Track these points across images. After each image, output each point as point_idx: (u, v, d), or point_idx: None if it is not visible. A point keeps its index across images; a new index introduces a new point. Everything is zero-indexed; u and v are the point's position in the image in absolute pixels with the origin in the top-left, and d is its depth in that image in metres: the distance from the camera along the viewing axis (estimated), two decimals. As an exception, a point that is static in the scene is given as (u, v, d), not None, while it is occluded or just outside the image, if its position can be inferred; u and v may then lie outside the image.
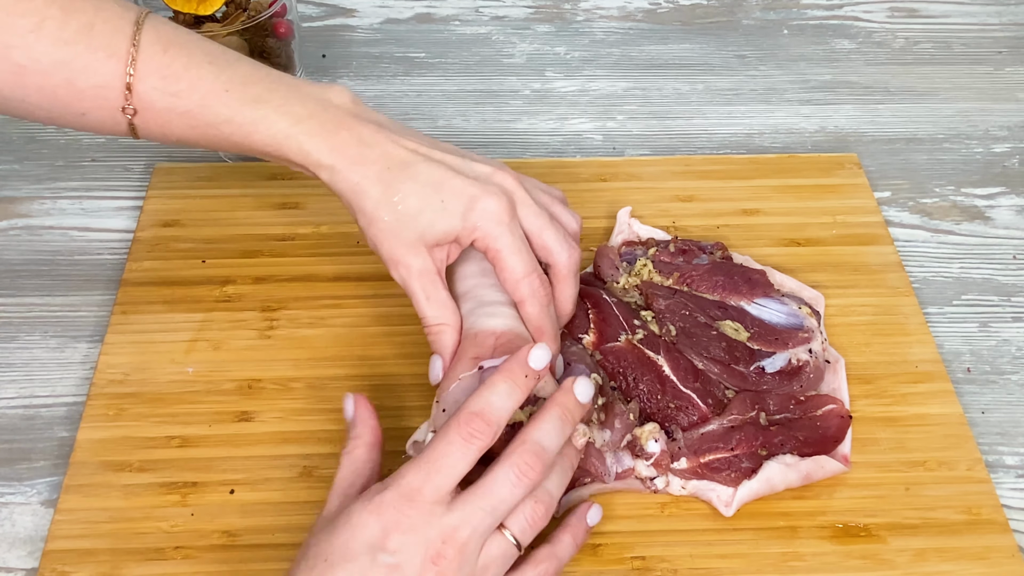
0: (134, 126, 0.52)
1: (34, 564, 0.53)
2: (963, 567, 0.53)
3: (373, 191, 0.53)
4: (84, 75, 0.50)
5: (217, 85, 0.52)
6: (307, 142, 0.52)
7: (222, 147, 0.54)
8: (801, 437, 0.55)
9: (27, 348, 0.62)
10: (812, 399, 0.58)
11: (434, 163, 0.54)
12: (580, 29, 0.88)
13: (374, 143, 0.53)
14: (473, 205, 0.53)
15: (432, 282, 0.54)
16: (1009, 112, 0.81)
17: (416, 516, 0.44)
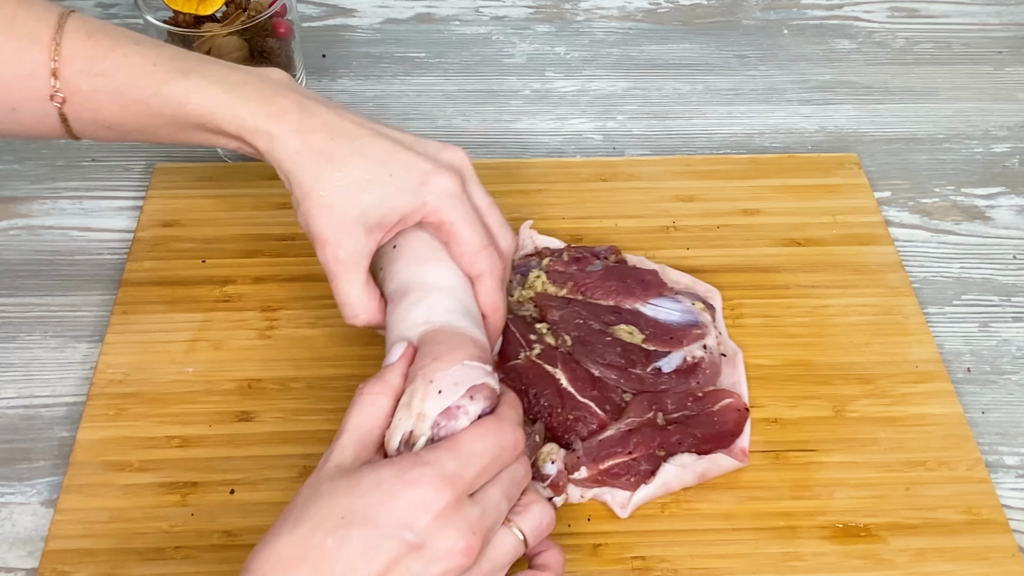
0: (65, 116, 0.52)
1: (34, 564, 0.53)
2: (963, 567, 0.53)
3: (314, 162, 0.50)
4: (8, 66, 0.50)
5: (145, 61, 0.51)
6: (242, 107, 0.50)
7: (155, 126, 0.52)
8: (699, 434, 0.55)
9: (27, 348, 0.62)
10: (709, 395, 0.57)
11: (381, 137, 0.52)
12: (580, 29, 0.88)
13: (316, 112, 0.51)
14: (425, 179, 0.51)
15: (357, 268, 0.52)
16: (1009, 112, 0.81)
17: (451, 502, 0.42)
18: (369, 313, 0.53)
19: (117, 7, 0.87)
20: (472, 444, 0.44)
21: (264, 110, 0.51)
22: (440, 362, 0.47)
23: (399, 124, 0.77)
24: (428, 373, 0.47)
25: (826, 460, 0.57)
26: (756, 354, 0.62)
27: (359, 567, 0.41)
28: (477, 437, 0.45)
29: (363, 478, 0.43)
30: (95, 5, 0.87)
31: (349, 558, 0.41)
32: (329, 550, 0.41)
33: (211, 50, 0.66)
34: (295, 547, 0.41)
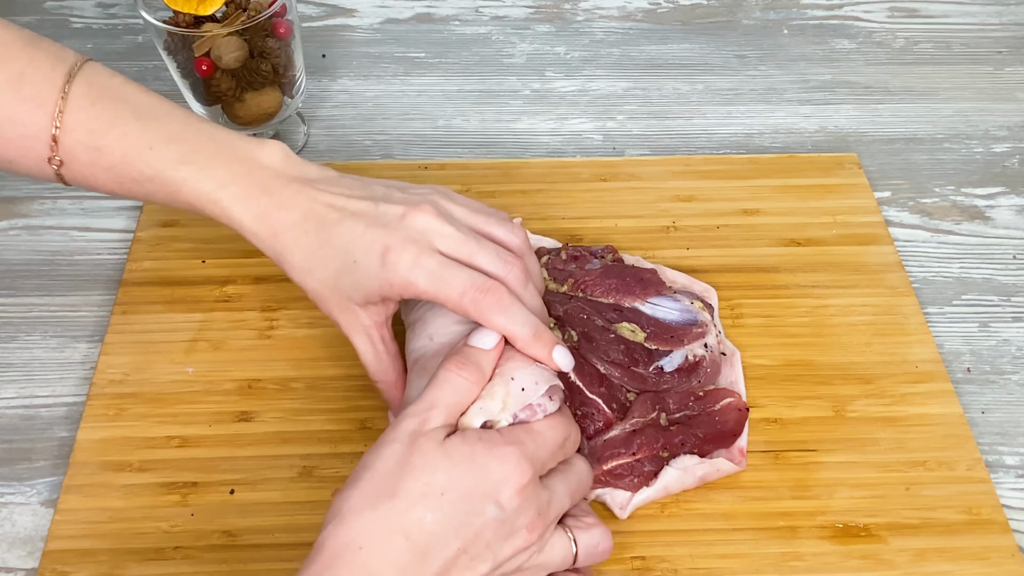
0: (61, 175, 0.53)
1: (34, 564, 0.53)
2: (963, 567, 0.53)
3: (295, 259, 0.52)
4: (11, 125, 0.51)
5: (141, 143, 0.52)
6: (231, 207, 0.52)
7: (147, 198, 0.54)
8: (701, 434, 0.55)
9: (27, 348, 0.62)
10: (710, 394, 0.57)
11: (348, 218, 0.51)
12: (580, 29, 0.88)
13: (294, 205, 0.52)
14: (384, 259, 0.50)
15: (369, 336, 0.53)
16: (1009, 112, 0.81)
17: (531, 480, 0.45)
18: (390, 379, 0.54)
19: (117, 7, 0.87)
20: (546, 432, 0.47)
21: (250, 213, 0.52)
22: (516, 362, 0.49)
23: (399, 124, 0.78)
24: (508, 371, 0.48)
25: (826, 460, 0.57)
26: (756, 354, 0.62)
27: (452, 539, 0.43)
28: (549, 427, 0.47)
29: (455, 449, 0.44)
30: (95, 5, 0.87)
31: (445, 532, 0.42)
32: (429, 525, 0.42)
33: (211, 50, 0.66)
34: (393, 521, 0.42)
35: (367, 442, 0.57)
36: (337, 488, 0.54)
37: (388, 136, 0.77)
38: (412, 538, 0.42)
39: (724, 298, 0.64)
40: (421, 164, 0.72)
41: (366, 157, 0.75)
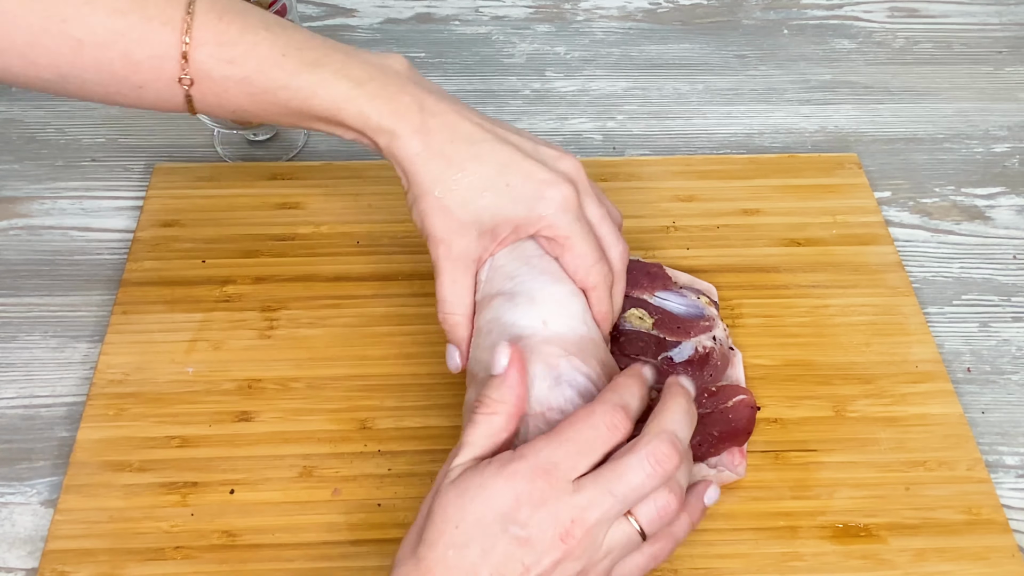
0: (191, 98, 0.51)
1: (34, 564, 0.53)
2: (963, 567, 0.53)
3: (433, 163, 0.51)
4: (140, 46, 0.49)
5: (274, 50, 0.51)
6: (367, 105, 0.51)
7: (279, 115, 0.53)
8: (716, 432, 0.55)
9: (27, 348, 0.62)
10: (722, 390, 0.57)
11: (500, 142, 0.52)
12: (580, 29, 0.88)
13: (438, 112, 0.51)
14: (542, 192, 0.51)
15: (465, 269, 0.52)
16: (1009, 112, 0.81)
17: (549, 491, 0.43)
18: (464, 314, 0.53)
19: (117, 7, 0.87)
20: (565, 430, 0.45)
21: (388, 108, 0.51)
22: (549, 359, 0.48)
23: (399, 124, 0.78)
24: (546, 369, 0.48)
25: (826, 460, 0.57)
26: (756, 354, 0.62)
27: (479, 569, 0.42)
28: (569, 423, 0.45)
29: (469, 483, 0.44)
30: (95, 5, 0.87)
31: (469, 564, 0.42)
32: (452, 561, 0.42)
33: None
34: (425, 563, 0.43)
35: (367, 442, 0.57)
36: (337, 488, 0.55)
37: (388, 136, 0.77)
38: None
39: (724, 298, 0.64)
40: (421, 164, 0.72)
41: (366, 157, 0.75)
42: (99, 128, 0.76)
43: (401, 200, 0.69)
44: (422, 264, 0.66)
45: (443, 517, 0.43)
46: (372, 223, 0.68)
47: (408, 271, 0.66)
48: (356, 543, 0.53)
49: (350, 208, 0.69)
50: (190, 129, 0.76)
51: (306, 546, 0.53)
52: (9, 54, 0.49)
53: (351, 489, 0.55)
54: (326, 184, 0.71)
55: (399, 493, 0.55)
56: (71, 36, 0.49)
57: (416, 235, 0.67)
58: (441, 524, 0.43)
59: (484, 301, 0.52)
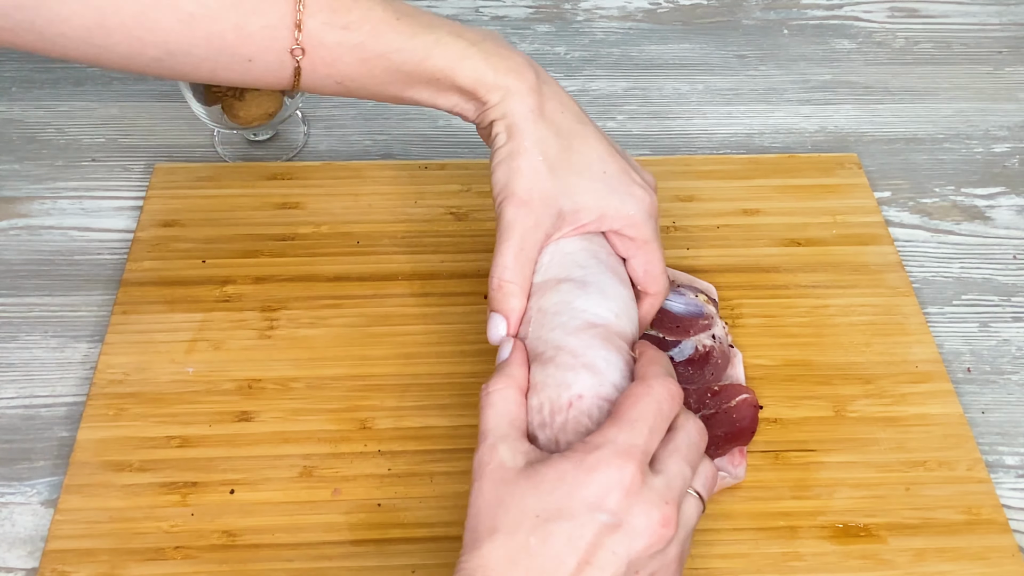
0: (299, 71, 0.51)
1: (34, 564, 0.53)
2: (963, 567, 0.53)
3: (542, 124, 0.51)
4: (253, 16, 0.49)
5: (387, 15, 0.51)
6: (483, 62, 0.51)
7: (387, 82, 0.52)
8: (720, 433, 0.55)
9: (27, 348, 0.62)
10: (725, 390, 0.57)
11: (599, 132, 0.53)
12: (580, 29, 0.88)
13: (549, 80, 0.52)
14: (634, 191, 0.52)
15: (536, 240, 0.51)
16: (1009, 112, 0.81)
17: (637, 476, 0.42)
18: (522, 285, 0.51)
19: (117, 7, 0.87)
20: (630, 412, 0.44)
21: (504, 65, 0.51)
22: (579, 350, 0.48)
23: (399, 124, 0.78)
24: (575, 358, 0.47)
25: (826, 460, 0.57)
26: (756, 354, 0.62)
27: (566, 557, 0.41)
28: (632, 404, 0.44)
29: (543, 475, 0.43)
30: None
31: (555, 551, 0.41)
32: (535, 548, 0.41)
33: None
34: (502, 551, 0.42)
35: (367, 442, 0.57)
36: (337, 488, 0.54)
37: (388, 136, 0.77)
38: (523, 564, 0.41)
39: (724, 298, 0.64)
40: (421, 164, 0.72)
41: (366, 157, 0.75)
42: (99, 128, 0.76)
43: (401, 200, 0.70)
44: (422, 264, 0.66)
45: (519, 507, 0.42)
46: (372, 223, 0.68)
47: (408, 271, 0.66)
48: (356, 543, 0.53)
49: (350, 208, 0.69)
50: (190, 129, 0.76)
51: (306, 546, 0.53)
52: (116, 32, 0.48)
53: (351, 489, 0.55)
54: (326, 184, 0.71)
55: (399, 493, 0.55)
56: (182, 9, 0.48)
57: (416, 235, 0.68)
58: (519, 514, 0.42)
59: (548, 283, 0.51)
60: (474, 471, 0.45)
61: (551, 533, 0.41)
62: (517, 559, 0.41)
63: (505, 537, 0.42)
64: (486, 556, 0.42)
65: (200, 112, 0.71)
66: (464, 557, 0.43)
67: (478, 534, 0.43)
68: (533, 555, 0.41)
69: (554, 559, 0.41)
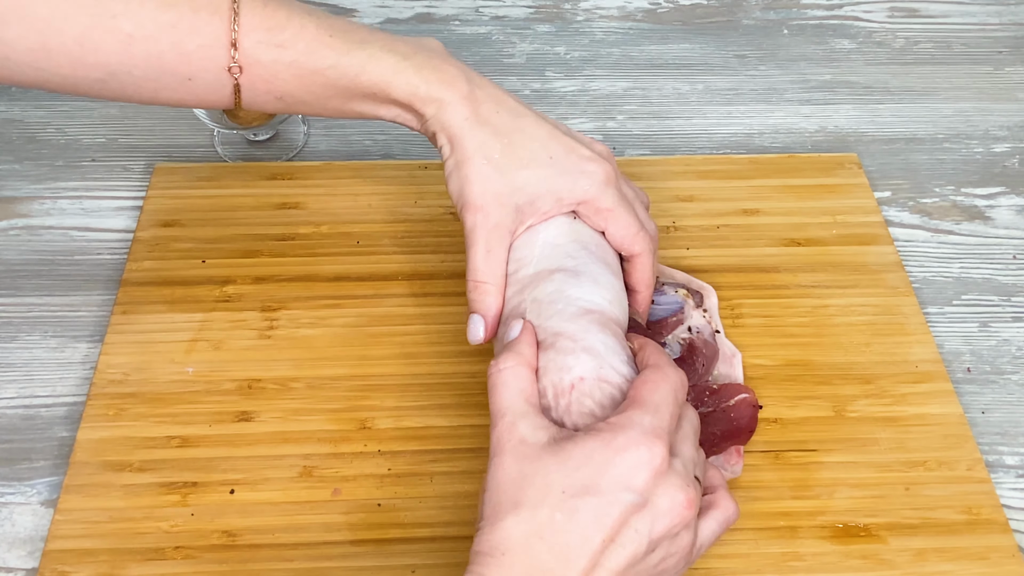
0: (239, 88, 0.52)
1: (34, 564, 0.53)
2: (963, 567, 0.53)
3: (480, 130, 0.52)
4: (190, 36, 0.50)
5: (321, 32, 0.52)
6: (415, 76, 0.53)
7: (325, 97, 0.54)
8: (718, 432, 0.55)
9: (27, 348, 0.62)
10: (724, 389, 0.57)
11: (540, 118, 0.54)
12: (580, 29, 0.88)
13: (482, 84, 0.54)
14: (583, 167, 0.53)
15: (500, 239, 0.53)
16: (1009, 112, 0.81)
17: (663, 457, 0.43)
18: (497, 284, 0.53)
19: (117, 7, 0.87)
20: (651, 396, 0.45)
21: (435, 77, 0.53)
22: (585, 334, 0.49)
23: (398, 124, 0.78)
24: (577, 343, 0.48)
25: (826, 460, 0.57)
26: (756, 354, 0.62)
27: (592, 534, 0.42)
28: (652, 389, 0.45)
29: (570, 453, 0.43)
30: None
31: (581, 527, 0.42)
32: (560, 523, 0.42)
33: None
34: (525, 526, 0.42)
35: (367, 442, 0.57)
36: (337, 488, 0.55)
37: (388, 136, 0.77)
38: (548, 539, 0.42)
39: (724, 298, 0.64)
40: (421, 164, 0.72)
41: (366, 157, 0.75)
42: (99, 128, 0.76)
43: (401, 200, 0.70)
44: (422, 264, 0.66)
45: (544, 483, 0.43)
46: (372, 223, 0.68)
47: (408, 271, 0.66)
48: (356, 543, 0.53)
49: (350, 208, 0.69)
50: (190, 129, 0.76)
51: (306, 546, 0.53)
52: (58, 54, 0.50)
53: (351, 489, 0.55)
54: (326, 184, 0.71)
55: (399, 493, 0.55)
56: (121, 31, 0.49)
57: (416, 235, 0.68)
58: (544, 489, 0.42)
59: (540, 274, 0.52)
60: (493, 448, 0.45)
61: (577, 509, 0.42)
62: (542, 534, 0.42)
63: (529, 512, 0.42)
64: (509, 529, 0.42)
65: (200, 112, 0.71)
66: (484, 531, 0.43)
67: (500, 508, 0.43)
68: (558, 531, 0.42)
69: (580, 535, 0.42)
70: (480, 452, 0.57)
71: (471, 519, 0.54)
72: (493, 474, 0.44)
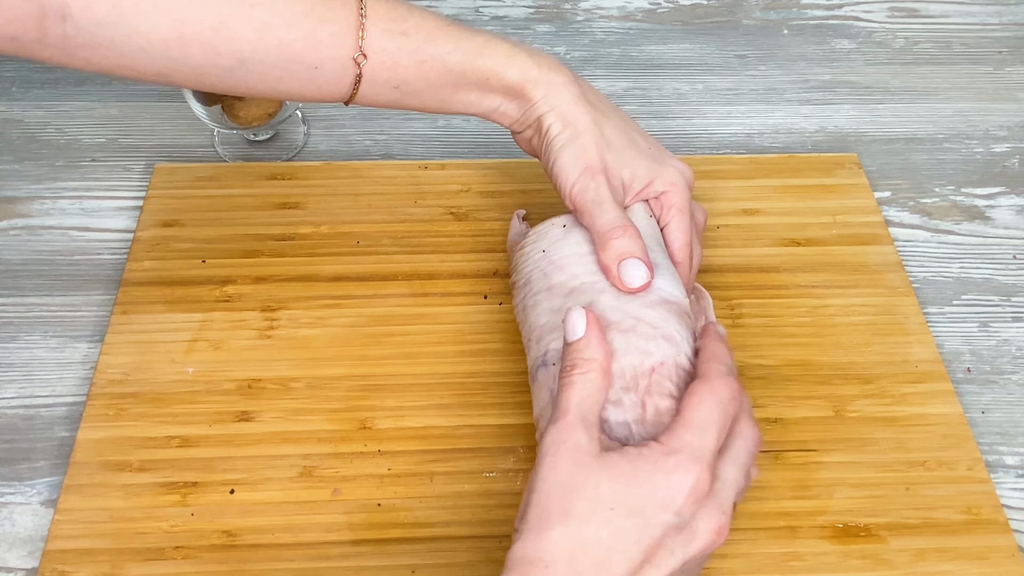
0: (360, 78, 0.54)
1: (34, 564, 0.53)
2: (963, 567, 0.53)
3: (592, 110, 0.56)
4: (323, 24, 0.52)
5: (440, 21, 0.56)
6: (528, 60, 0.56)
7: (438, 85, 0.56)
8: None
9: (27, 348, 0.62)
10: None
11: (622, 117, 0.58)
12: (580, 29, 0.88)
13: (576, 77, 0.57)
14: (667, 161, 0.57)
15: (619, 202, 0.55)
16: (1009, 112, 0.81)
17: (705, 482, 0.44)
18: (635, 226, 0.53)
19: (117, 7, 0.87)
20: (697, 413, 0.45)
21: (546, 63, 0.57)
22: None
23: (399, 124, 0.78)
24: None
25: (826, 460, 0.57)
26: (756, 354, 0.62)
27: (633, 554, 0.43)
28: (697, 404, 0.45)
29: (620, 468, 0.44)
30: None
31: (624, 546, 0.42)
32: (605, 541, 0.42)
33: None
34: (572, 539, 0.43)
35: (367, 442, 0.57)
36: (337, 488, 0.55)
37: (388, 136, 0.77)
38: (592, 555, 0.42)
39: (724, 298, 0.64)
40: (421, 164, 0.72)
41: (366, 157, 0.75)
42: (99, 128, 0.76)
43: (401, 200, 0.70)
44: (422, 264, 0.66)
45: (594, 496, 0.43)
46: (372, 223, 0.68)
47: (408, 271, 0.66)
48: (356, 543, 0.53)
49: (350, 208, 0.69)
50: (190, 129, 0.76)
51: (306, 546, 0.53)
52: (193, 44, 0.51)
53: (351, 489, 0.55)
54: (326, 184, 0.71)
55: (399, 493, 0.55)
56: (258, 19, 0.51)
57: (416, 235, 0.68)
58: (592, 503, 0.43)
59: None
60: (547, 447, 0.45)
61: (623, 529, 0.43)
62: (587, 549, 0.42)
63: (578, 525, 0.43)
64: (556, 542, 0.43)
65: (200, 112, 0.71)
66: (528, 537, 0.43)
67: (549, 515, 0.43)
68: (602, 548, 0.42)
69: (622, 554, 0.42)
70: (480, 452, 0.57)
71: (471, 519, 0.54)
72: (544, 475, 0.44)
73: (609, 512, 0.43)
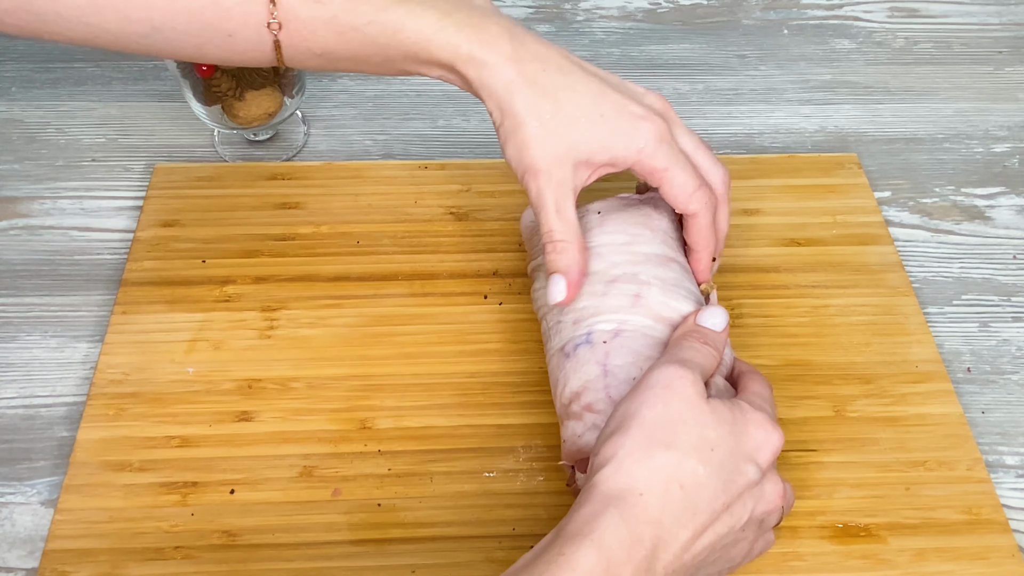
0: (279, 44, 0.52)
1: (34, 564, 0.53)
2: (963, 567, 0.53)
3: (527, 91, 0.51)
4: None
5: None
6: (456, 35, 0.51)
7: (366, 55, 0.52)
8: None
9: (27, 348, 0.62)
10: None
11: (589, 75, 0.52)
12: (580, 29, 0.88)
13: (526, 41, 0.51)
14: (636, 124, 0.51)
15: (567, 197, 0.51)
16: (1009, 112, 0.81)
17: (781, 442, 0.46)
18: (575, 241, 0.52)
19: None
20: (762, 390, 0.49)
21: (477, 37, 0.51)
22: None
23: (399, 124, 0.78)
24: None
25: (826, 460, 0.57)
26: (756, 354, 0.62)
27: (720, 495, 0.44)
28: (759, 381, 0.50)
29: (723, 414, 0.45)
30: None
31: (713, 486, 0.43)
32: (701, 477, 0.43)
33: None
34: (673, 469, 0.43)
35: (367, 442, 0.57)
36: (337, 488, 0.54)
37: (388, 136, 0.77)
38: (687, 488, 0.43)
39: (724, 298, 0.64)
40: (421, 164, 0.72)
41: (366, 157, 0.75)
42: (99, 128, 0.76)
43: (401, 200, 0.70)
44: (422, 264, 0.66)
45: (700, 435, 0.44)
46: (372, 223, 0.68)
47: (408, 271, 0.66)
48: (356, 543, 0.53)
49: (350, 208, 0.69)
50: (190, 129, 0.76)
51: (306, 546, 0.53)
52: (105, 9, 0.50)
53: (351, 489, 0.55)
54: (326, 184, 0.71)
55: (399, 493, 0.55)
56: None
57: (416, 235, 0.68)
58: (698, 440, 0.44)
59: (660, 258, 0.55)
60: (659, 380, 0.46)
61: (719, 469, 0.44)
62: (682, 480, 0.43)
63: (679, 457, 0.43)
64: (656, 469, 0.43)
65: (200, 112, 0.71)
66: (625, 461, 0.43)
67: (652, 441, 0.44)
68: (696, 482, 0.43)
69: (710, 493, 0.43)
70: (480, 452, 0.57)
71: (471, 519, 0.54)
72: (653, 404, 0.45)
73: (711, 452, 0.44)
